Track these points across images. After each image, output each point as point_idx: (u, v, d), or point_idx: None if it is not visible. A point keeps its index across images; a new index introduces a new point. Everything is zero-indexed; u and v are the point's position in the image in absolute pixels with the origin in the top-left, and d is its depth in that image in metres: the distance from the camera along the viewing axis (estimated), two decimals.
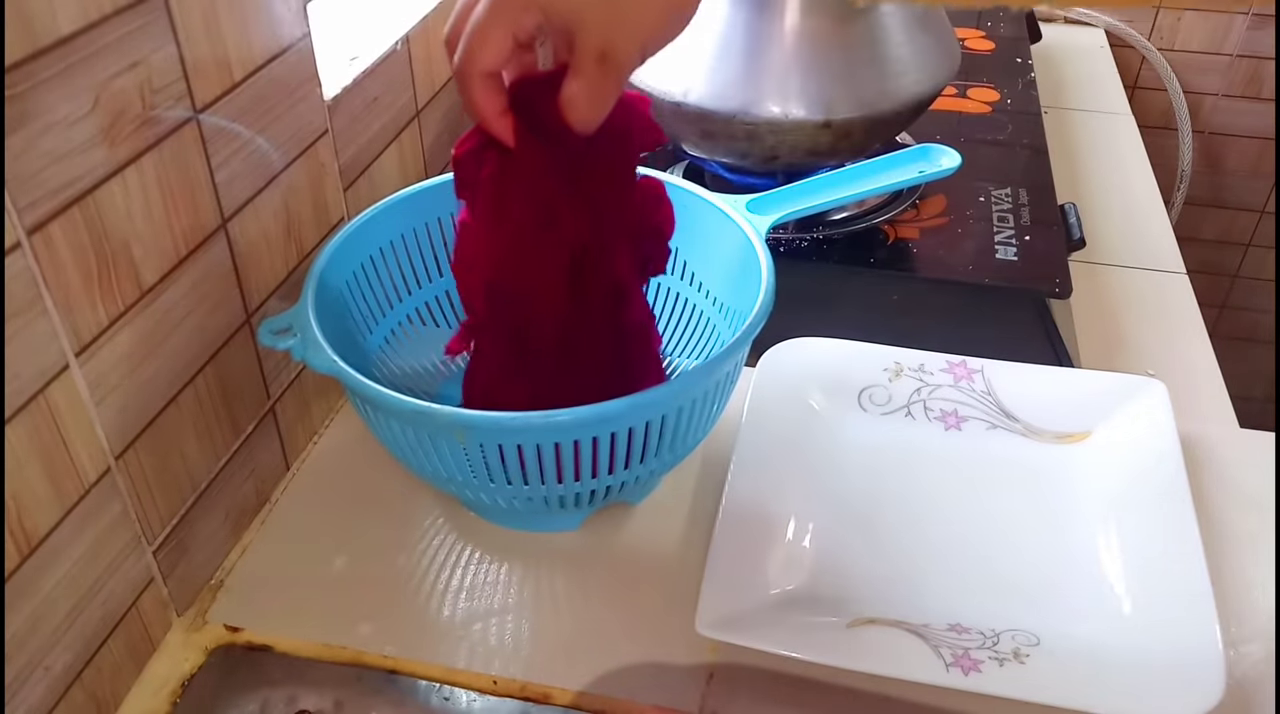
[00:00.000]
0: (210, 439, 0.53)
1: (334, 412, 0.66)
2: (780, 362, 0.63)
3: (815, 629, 0.50)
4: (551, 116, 0.44)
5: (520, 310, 0.51)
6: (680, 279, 0.64)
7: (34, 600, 0.42)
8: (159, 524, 0.50)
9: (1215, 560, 0.53)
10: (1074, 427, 0.60)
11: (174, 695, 0.50)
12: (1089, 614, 0.51)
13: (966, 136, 0.87)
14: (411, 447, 0.50)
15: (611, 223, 0.50)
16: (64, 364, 0.42)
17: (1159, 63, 1.24)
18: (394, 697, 0.51)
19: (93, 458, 0.44)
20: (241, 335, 0.54)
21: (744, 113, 0.71)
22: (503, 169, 0.47)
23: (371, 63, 0.63)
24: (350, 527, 0.58)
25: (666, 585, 0.54)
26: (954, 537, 0.56)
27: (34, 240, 0.39)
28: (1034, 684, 0.46)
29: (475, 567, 0.56)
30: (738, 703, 0.49)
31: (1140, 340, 0.73)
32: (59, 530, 0.43)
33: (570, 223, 0.48)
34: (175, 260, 0.48)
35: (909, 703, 0.49)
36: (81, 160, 0.41)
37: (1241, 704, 0.48)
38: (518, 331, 0.51)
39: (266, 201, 0.54)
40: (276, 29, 0.52)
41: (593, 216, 0.49)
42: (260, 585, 0.55)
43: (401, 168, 0.70)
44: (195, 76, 0.47)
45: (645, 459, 0.51)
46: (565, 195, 0.48)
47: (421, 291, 0.63)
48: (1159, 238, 0.85)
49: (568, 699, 0.49)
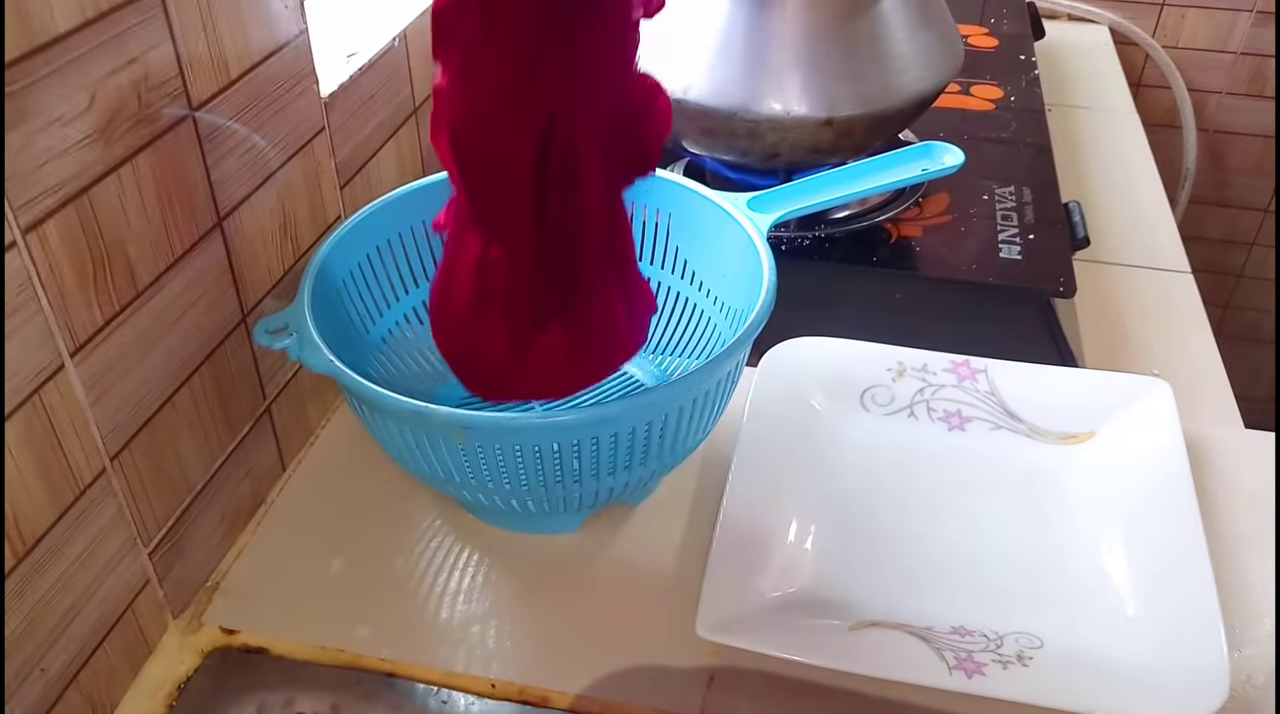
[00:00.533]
0: (206, 439, 0.52)
1: (330, 412, 0.65)
2: (782, 361, 0.62)
3: (817, 632, 0.49)
4: None
5: (485, 182, 0.45)
6: (681, 278, 0.63)
7: (29, 602, 0.42)
8: (155, 525, 0.49)
9: (1220, 562, 0.53)
10: (1078, 427, 0.60)
11: (170, 698, 0.49)
12: (1093, 616, 0.50)
13: (970, 134, 0.87)
14: (409, 447, 0.49)
15: (597, 102, 0.45)
16: (59, 364, 0.42)
17: (1163, 60, 1.24)
18: (392, 700, 0.50)
19: (88, 458, 0.44)
20: (237, 335, 0.54)
21: (745, 110, 0.70)
22: (486, 20, 0.42)
23: (369, 59, 0.63)
24: (347, 528, 0.58)
25: (666, 588, 0.54)
26: (957, 538, 0.55)
27: (29, 239, 0.39)
28: (1038, 687, 0.46)
29: (473, 569, 0.55)
30: (738, 706, 0.48)
31: (1145, 340, 0.73)
32: (54, 531, 0.43)
33: (551, 85, 0.43)
34: (171, 259, 0.47)
35: (912, 706, 0.48)
36: (77, 158, 0.41)
37: (1245, 706, 0.48)
38: (482, 210, 0.46)
39: (263, 200, 0.54)
40: (273, 26, 0.52)
41: (577, 87, 0.44)
42: (257, 587, 0.55)
43: (399, 165, 0.69)
44: (191, 74, 0.46)
45: (645, 460, 0.51)
46: (551, 56, 0.43)
47: (419, 290, 0.63)
48: (1163, 237, 0.85)
49: (566, 702, 0.49)
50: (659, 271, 0.64)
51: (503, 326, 0.47)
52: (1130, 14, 1.24)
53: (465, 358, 0.49)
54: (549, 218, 0.46)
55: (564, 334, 0.47)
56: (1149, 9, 1.23)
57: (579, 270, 0.48)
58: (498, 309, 0.47)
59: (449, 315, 0.48)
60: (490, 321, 0.47)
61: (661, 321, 0.65)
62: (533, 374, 0.48)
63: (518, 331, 0.47)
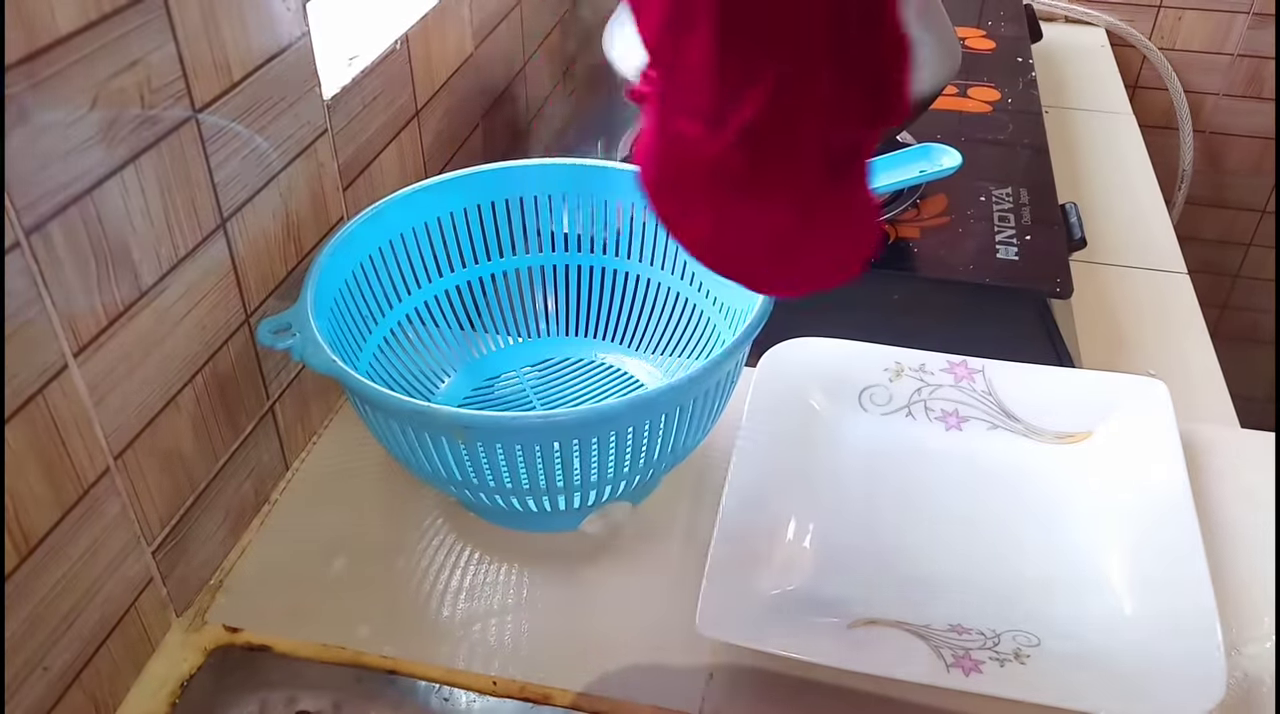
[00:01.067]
0: (209, 439, 0.53)
1: (333, 412, 0.65)
2: (780, 361, 0.63)
3: (816, 630, 0.49)
4: None
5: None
6: (681, 278, 0.64)
7: (32, 600, 0.42)
8: (158, 524, 0.50)
9: (1216, 561, 0.53)
10: (1075, 427, 0.60)
11: (173, 696, 0.49)
12: (1090, 615, 0.51)
13: (967, 136, 0.87)
14: (411, 447, 0.50)
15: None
16: (63, 364, 0.42)
17: (1160, 62, 1.24)
18: (393, 698, 0.50)
19: (92, 458, 0.44)
20: (240, 335, 0.54)
21: None
22: None
23: (371, 62, 0.63)
24: (349, 527, 0.58)
25: (666, 585, 0.54)
26: (955, 537, 0.56)
27: (33, 240, 0.39)
28: (1035, 685, 0.46)
29: (475, 567, 0.56)
30: (738, 704, 0.49)
31: (1141, 340, 0.73)
32: (58, 530, 0.43)
33: None
34: (174, 260, 0.47)
35: (910, 704, 0.48)
36: (80, 160, 0.41)
37: (1242, 704, 0.48)
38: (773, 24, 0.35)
39: (265, 201, 0.54)
40: (276, 28, 0.52)
41: None
42: (259, 586, 0.55)
43: (401, 167, 0.70)
44: (194, 76, 0.47)
45: (645, 460, 0.51)
46: None
47: (421, 291, 0.63)
48: (1160, 238, 0.85)
49: (568, 700, 0.49)
50: (659, 272, 0.65)
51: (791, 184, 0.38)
52: (1127, 16, 1.24)
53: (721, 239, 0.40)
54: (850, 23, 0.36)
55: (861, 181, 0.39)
56: (1146, 11, 1.24)
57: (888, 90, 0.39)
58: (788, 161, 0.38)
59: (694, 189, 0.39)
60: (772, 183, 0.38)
61: (661, 322, 0.65)
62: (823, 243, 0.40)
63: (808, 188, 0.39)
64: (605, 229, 0.65)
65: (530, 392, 0.65)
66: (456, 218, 0.63)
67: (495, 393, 0.65)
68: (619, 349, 0.67)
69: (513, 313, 0.67)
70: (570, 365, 0.67)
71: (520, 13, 0.88)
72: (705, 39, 0.36)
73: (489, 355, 0.67)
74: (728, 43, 0.36)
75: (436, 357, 0.64)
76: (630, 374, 0.66)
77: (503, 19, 0.84)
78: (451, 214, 0.62)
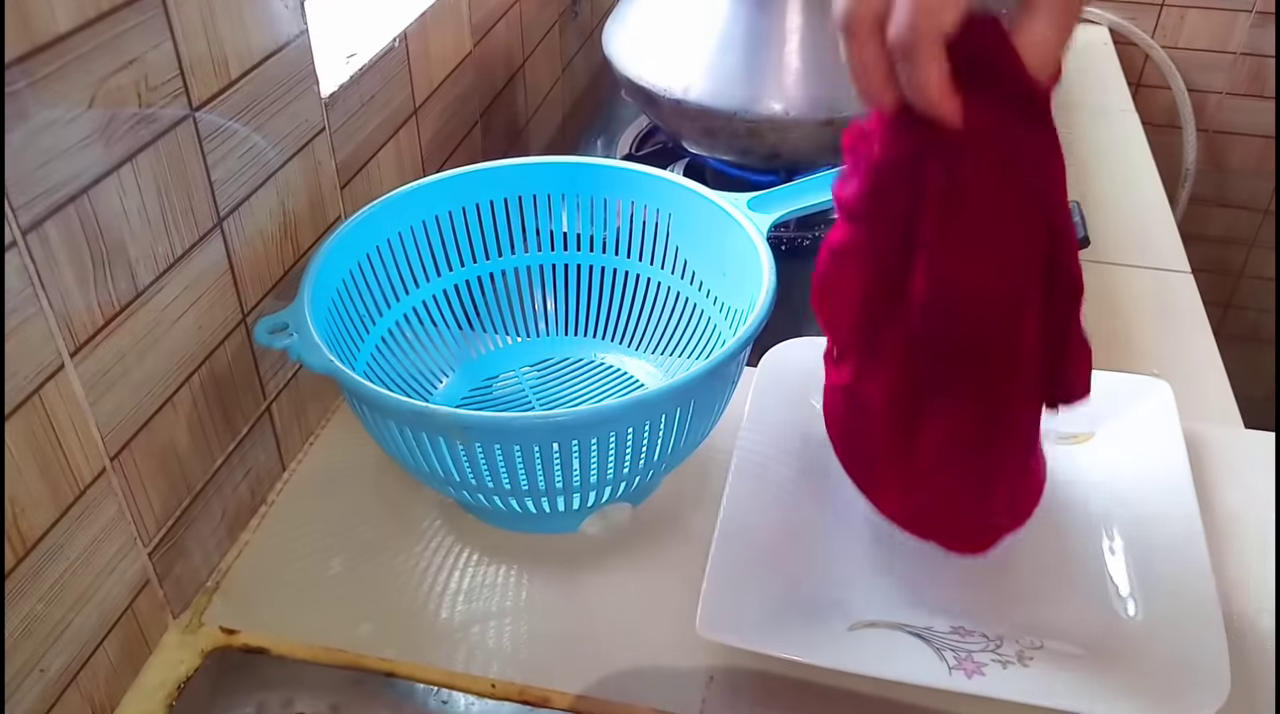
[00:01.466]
0: (206, 439, 0.52)
1: (330, 412, 0.65)
2: (782, 361, 0.62)
3: (816, 632, 0.49)
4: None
5: (972, 317, 0.41)
6: (681, 278, 0.63)
7: (29, 602, 0.42)
8: (155, 525, 0.49)
9: (1220, 561, 0.53)
10: (1078, 427, 0.60)
11: (170, 698, 0.49)
12: (1093, 616, 0.50)
13: None
14: (409, 448, 0.49)
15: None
16: (59, 364, 0.42)
17: (1163, 60, 1.24)
18: (391, 700, 0.50)
19: (88, 458, 0.44)
20: (237, 335, 0.54)
21: (745, 110, 0.70)
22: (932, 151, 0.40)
23: (369, 60, 0.63)
24: (347, 528, 0.58)
25: (666, 587, 0.54)
26: None
27: (30, 239, 0.39)
28: (1038, 687, 0.46)
29: (474, 568, 0.55)
30: (738, 706, 0.48)
31: (1145, 340, 0.73)
32: (54, 531, 0.43)
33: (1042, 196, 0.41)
34: (171, 259, 0.47)
35: (911, 706, 0.48)
36: (78, 158, 0.41)
37: (1246, 705, 0.48)
38: (953, 350, 0.42)
39: (263, 200, 0.54)
40: (274, 26, 0.52)
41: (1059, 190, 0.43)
42: (257, 587, 0.55)
43: (399, 166, 0.69)
44: (192, 74, 0.46)
45: (645, 460, 0.51)
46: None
47: (419, 291, 0.63)
48: (1163, 236, 0.85)
49: (567, 702, 0.49)
50: (659, 271, 0.64)
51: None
52: (1130, 14, 1.24)
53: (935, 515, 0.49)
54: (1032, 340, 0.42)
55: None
56: (1148, 9, 1.23)
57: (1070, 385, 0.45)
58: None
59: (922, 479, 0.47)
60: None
61: (661, 321, 0.65)
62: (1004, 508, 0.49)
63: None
64: (605, 228, 0.64)
65: (529, 392, 0.65)
66: (455, 216, 0.62)
67: (494, 393, 0.65)
68: (619, 349, 0.67)
69: (511, 312, 0.67)
70: (569, 365, 0.67)
71: (519, 10, 0.87)
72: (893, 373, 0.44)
73: (487, 355, 0.67)
74: (913, 377, 0.44)
75: (435, 356, 0.64)
76: (630, 374, 0.66)
77: (501, 16, 0.84)
78: (450, 213, 0.62)
